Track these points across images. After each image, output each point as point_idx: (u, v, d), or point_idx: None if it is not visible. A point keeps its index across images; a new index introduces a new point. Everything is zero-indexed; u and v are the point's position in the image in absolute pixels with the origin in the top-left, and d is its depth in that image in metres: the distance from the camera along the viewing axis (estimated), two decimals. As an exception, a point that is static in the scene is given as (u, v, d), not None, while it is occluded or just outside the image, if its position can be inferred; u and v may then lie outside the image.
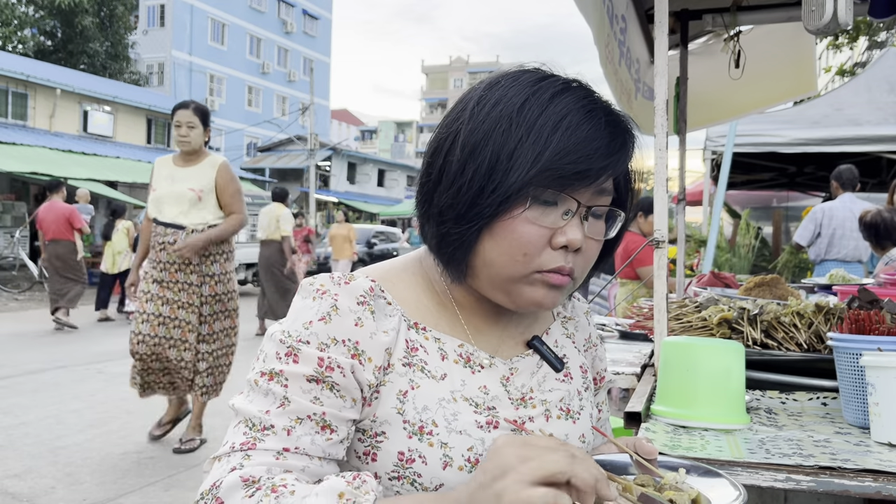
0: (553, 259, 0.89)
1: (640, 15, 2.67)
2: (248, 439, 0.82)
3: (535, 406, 0.96)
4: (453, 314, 0.98)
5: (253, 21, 39.10)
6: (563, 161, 0.85)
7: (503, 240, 0.88)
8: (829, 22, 1.63)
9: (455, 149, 0.90)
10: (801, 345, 1.66)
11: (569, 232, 0.88)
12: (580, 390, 1.03)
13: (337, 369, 0.84)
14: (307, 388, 0.84)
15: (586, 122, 0.87)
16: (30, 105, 21.59)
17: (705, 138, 6.60)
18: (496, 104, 0.89)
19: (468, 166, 0.88)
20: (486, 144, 0.87)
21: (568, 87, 0.90)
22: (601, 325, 2.64)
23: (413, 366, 0.90)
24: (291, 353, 0.85)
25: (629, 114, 0.97)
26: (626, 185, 0.96)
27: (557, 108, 0.87)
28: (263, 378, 0.85)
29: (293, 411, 0.83)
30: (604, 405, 1.17)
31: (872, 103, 6.18)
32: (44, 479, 3.93)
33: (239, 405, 0.85)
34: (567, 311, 1.12)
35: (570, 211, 0.89)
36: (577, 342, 1.10)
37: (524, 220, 0.87)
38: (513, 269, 0.89)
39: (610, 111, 0.91)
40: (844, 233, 5.69)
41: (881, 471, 1.03)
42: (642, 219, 5.52)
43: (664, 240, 1.63)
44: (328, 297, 0.88)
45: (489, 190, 0.86)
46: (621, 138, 0.89)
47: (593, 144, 0.86)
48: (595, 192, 0.90)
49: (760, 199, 10.29)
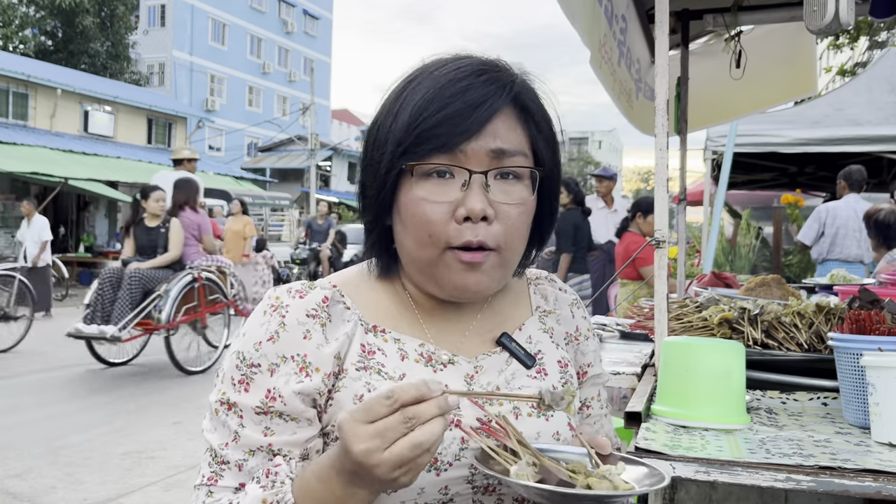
0: (459, 234, 0.87)
1: (640, 15, 2.67)
2: (212, 473, 0.88)
3: (501, 403, 0.94)
4: (412, 314, 0.98)
5: (253, 21, 39.09)
6: (413, 130, 0.86)
7: (408, 223, 0.89)
8: (831, 22, 1.63)
9: (361, 154, 0.96)
10: (801, 345, 1.66)
11: (468, 202, 0.86)
12: (556, 386, 1.00)
13: (279, 399, 0.87)
14: (257, 419, 0.88)
15: (436, 87, 0.87)
16: (30, 105, 21.59)
17: (706, 138, 6.59)
18: (384, 101, 0.93)
19: (362, 163, 0.94)
20: (369, 140, 0.93)
21: (445, 64, 0.91)
22: (602, 325, 2.64)
23: (369, 369, 0.90)
24: (244, 381, 0.88)
25: (631, 115, 0.98)
26: (549, 145, 0.94)
27: (420, 86, 0.89)
28: (223, 407, 0.89)
29: (244, 445, 0.87)
30: (594, 401, 1.13)
31: (873, 103, 6.18)
32: (44, 479, 3.93)
33: (206, 433, 0.91)
34: (548, 305, 1.09)
35: (465, 181, 0.87)
36: (556, 336, 1.06)
37: (420, 199, 0.87)
38: (424, 253, 0.90)
39: (480, 67, 0.89)
40: (847, 233, 5.67)
41: (881, 471, 1.03)
42: (642, 219, 5.51)
43: (665, 240, 1.63)
44: (277, 315, 0.90)
45: (370, 181, 0.91)
46: (485, 88, 0.87)
47: (441, 104, 0.86)
48: (491, 156, 0.88)
49: (761, 199, 10.29)
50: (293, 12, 42.18)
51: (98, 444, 4.58)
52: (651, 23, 2.64)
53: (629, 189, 67.73)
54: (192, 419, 5.24)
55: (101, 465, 4.17)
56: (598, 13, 1.94)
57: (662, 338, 1.60)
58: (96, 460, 4.26)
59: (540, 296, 1.10)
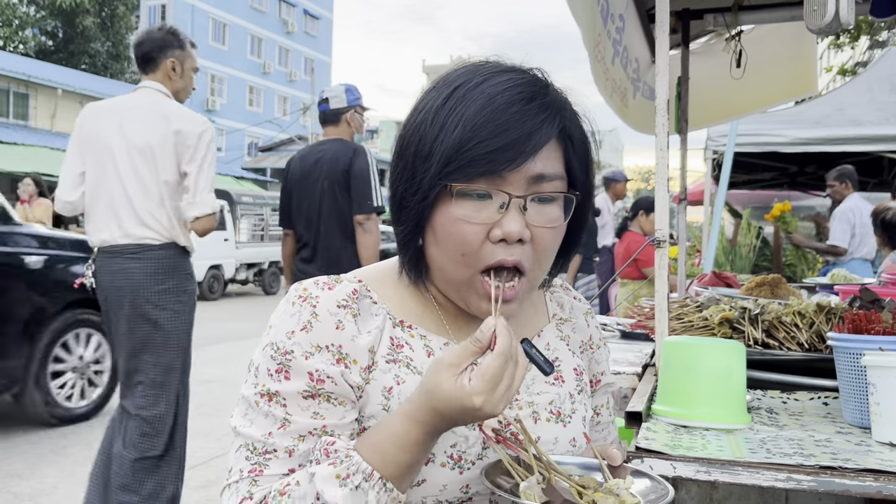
0: (493, 253, 0.87)
1: (640, 14, 2.67)
2: (254, 465, 0.85)
3: (521, 408, 0.96)
4: (436, 313, 0.98)
5: (254, 21, 39.09)
6: (463, 152, 0.85)
7: (442, 240, 0.89)
8: (832, 21, 1.63)
9: (394, 154, 0.93)
10: (802, 344, 1.66)
11: (505, 224, 0.86)
12: (573, 393, 1.02)
13: (328, 380, 0.86)
14: (305, 404, 0.86)
15: (490, 108, 0.85)
16: (31, 105, 21.61)
17: (706, 138, 6.58)
18: (426, 104, 0.91)
19: (398, 169, 0.91)
20: (410, 146, 0.90)
21: (493, 76, 0.89)
22: (602, 325, 2.64)
23: (398, 362, 0.91)
24: (282, 370, 0.87)
25: (625, 114, 0.98)
26: (583, 168, 0.94)
27: (470, 100, 0.87)
28: (263, 399, 0.87)
29: (295, 431, 0.85)
30: (604, 409, 1.16)
31: (873, 103, 6.17)
32: (47, 479, 3.94)
33: (240, 428, 0.88)
34: (564, 313, 1.11)
35: (504, 203, 0.87)
36: (573, 344, 1.09)
37: (457, 220, 0.87)
38: (455, 272, 0.89)
39: (529, 91, 0.88)
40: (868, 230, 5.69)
41: (882, 470, 1.03)
42: (644, 217, 5.51)
43: (665, 239, 1.63)
44: (308, 304, 0.89)
45: (412, 191, 0.88)
46: (537, 117, 0.86)
47: (496, 129, 0.84)
48: (530, 180, 0.87)
49: (761, 198, 10.28)
50: (293, 12, 42.18)
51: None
52: (651, 22, 2.64)
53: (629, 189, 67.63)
54: (191, 419, 5.24)
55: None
56: (595, 12, 1.95)
57: (663, 337, 1.60)
58: (97, 460, 4.27)
59: (556, 304, 1.12)
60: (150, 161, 2.85)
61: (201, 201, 2.88)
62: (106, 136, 2.89)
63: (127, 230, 2.86)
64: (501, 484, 0.82)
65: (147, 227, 2.86)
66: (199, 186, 2.88)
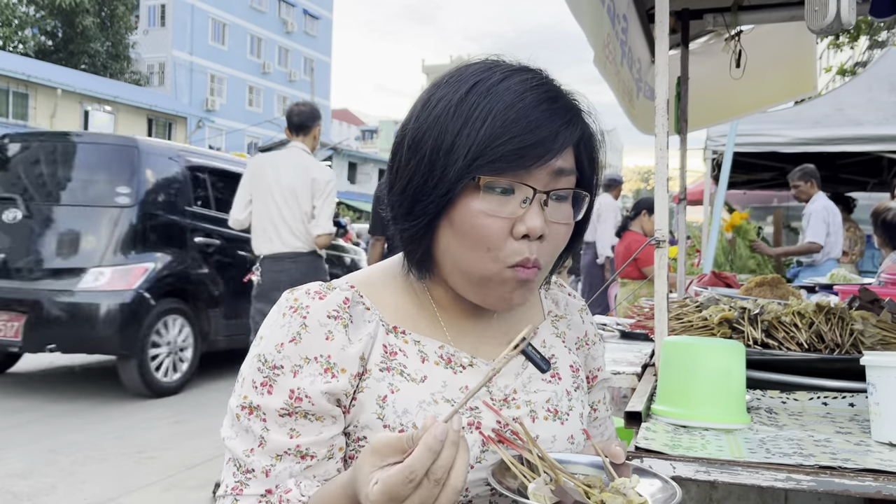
0: (517, 251, 0.87)
1: (640, 14, 2.67)
2: (237, 483, 0.88)
3: (518, 407, 0.95)
4: (433, 315, 0.97)
5: (253, 21, 39.10)
6: (495, 146, 0.85)
7: (463, 234, 0.88)
8: (833, 22, 1.63)
9: (402, 148, 0.91)
10: (801, 344, 1.66)
11: (528, 220, 0.86)
12: (569, 390, 1.02)
13: (305, 399, 0.86)
14: (282, 421, 0.87)
15: (520, 105, 0.86)
16: (31, 105, 21.61)
17: (706, 138, 6.59)
18: (441, 98, 0.90)
19: (412, 162, 0.89)
20: (427, 139, 0.88)
21: (512, 74, 0.89)
22: (602, 325, 2.64)
23: (392, 370, 0.90)
24: (267, 384, 0.88)
25: (633, 115, 0.98)
26: (591, 166, 0.95)
27: (495, 95, 0.87)
28: (244, 412, 0.88)
29: (271, 449, 0.87)
30: (601, 404, 1.16)
31: (873, 103, 6.17)
32: (45, 479, 3.94)
33: (227, 440, 0.90)
34: (559, 310, 1.11)
35: (527, 198, 0.87)
36: (568, 341, 1.08)
37: (481, 213, 0.87)
38: (479, 266, 0.89)
39: (553, 91, 0.89)
40: (839, 230, 5.68)
41: (881, 470, 1.03)
42: (646, 217, 5.50)
43: (665, 239, 1.63)
44: (298, 315, 0.89)
45: (431, 184, 0.87)
46: (564, 116, 0.88)
47: (527, 126, 0.85)
48: (552, 176, 0.88)
49: (761, 198, 10.28)
50: (293, 12, 42.19)
51: (99, 443, 4.58)
52: (651, 22, 2.64)
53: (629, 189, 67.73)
54: (191, 419, 5.25)
55: (102, 465, 4.18)
56: (602, 13, 1.94)
57: (662, 337, 1.60)
58: (97, 460, 4.26)
59: (551, 300, 1.11)
60: (295, 197, 4.14)
61: (323, 224, 4.18)
62: (267, 179, 4.20)
63: (286, 241, 4.14)
64: (506, 485, 0.82)
65: (298, 240, 4.15)
66: (323, 215, 4.18)
